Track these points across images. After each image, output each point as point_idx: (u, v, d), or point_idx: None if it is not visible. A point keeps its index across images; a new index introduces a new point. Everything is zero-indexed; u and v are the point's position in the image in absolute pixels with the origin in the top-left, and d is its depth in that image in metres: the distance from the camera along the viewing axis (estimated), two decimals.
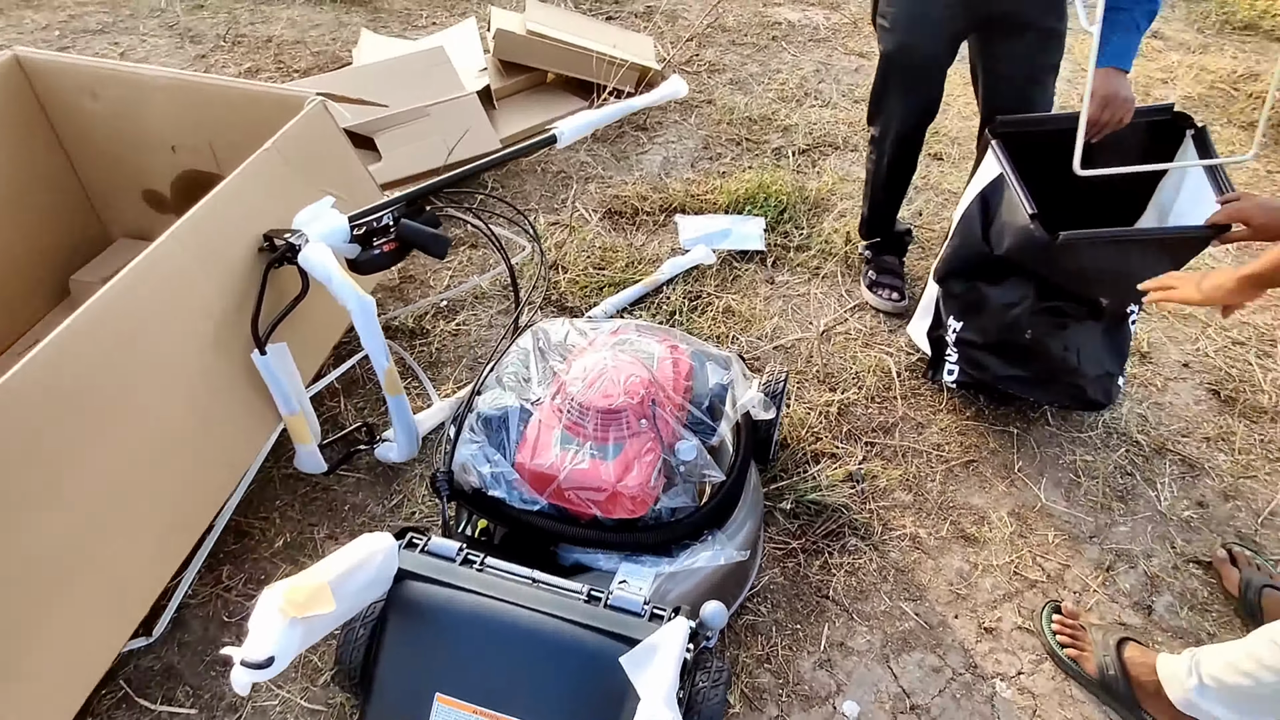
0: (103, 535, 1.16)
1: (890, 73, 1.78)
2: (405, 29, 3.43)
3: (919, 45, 1.70)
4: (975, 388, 1.81)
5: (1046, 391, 1.70)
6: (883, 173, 1.96)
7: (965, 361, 1.71)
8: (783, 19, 3.61)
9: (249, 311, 1.39)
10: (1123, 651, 1.34)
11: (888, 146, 1.89)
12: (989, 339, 1.65)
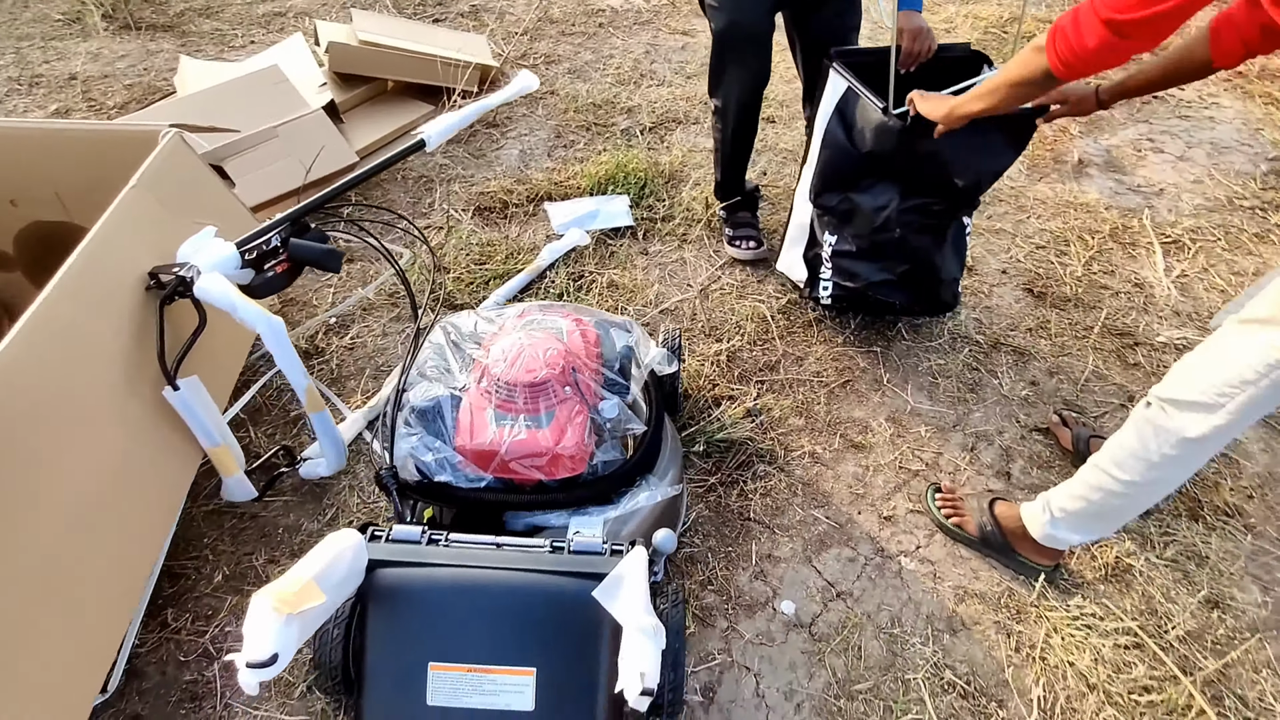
0: (47, 604, 1.13)
1: (725, 48, 1.96)
2: (222, 51, 3.29)
3: (746, 21, 1.88)
4: (847, 302, 2.00)
5: (908, 294, 1.92)
6: (729, 139, 2.14)
7: (839, 274, 1.92)
8: (606, 6, 3.76)
9: (149, 351, 1.37)
10: (994, 509, 1.61)
11: (731, 114, 2.08)
12: (861, 245, 1.86)
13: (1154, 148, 2.90)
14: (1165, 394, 1.24)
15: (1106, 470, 1.35)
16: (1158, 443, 1.25)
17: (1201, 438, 1.20)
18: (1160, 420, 1.25)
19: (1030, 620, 1.52)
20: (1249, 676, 1.46)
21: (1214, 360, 1.17)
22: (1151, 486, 1.31)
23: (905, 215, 1.78)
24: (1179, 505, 1.71)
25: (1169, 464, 1.26)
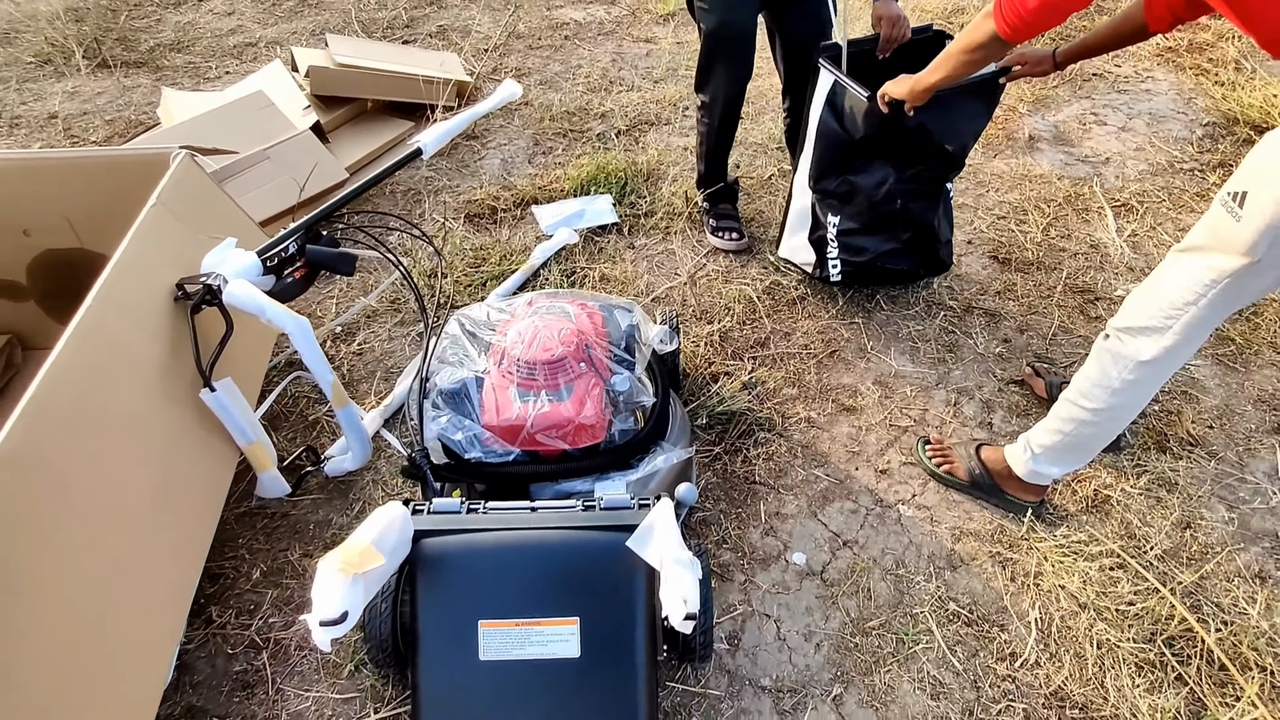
0: (114, 601, 1.20)
1: (715, 47, 2.07)
2: (198, 83, 3.35)
3: (734, 20, 2.01)
4: (857, 276, 2.12)
5: (913, 259, 2.07)
6: (714, 131, 2.27)
7: (845, 250, 2.04)
8: (569, 19, 3.88)
9: (183, 358, 1.44)
10: (980, 454, 1.73)
11: (718, 108, 2.20)
12: (865, 221, 1.99)
13: (1097, 120, 3.08)
14: (1119, 323, 1.39)
15: (1075, 402, 1.48)
16: (1117, 369, 1.39)
17: (1154, 359, 1.34)
18: (1117, 348, 1.39)
19: (1022, 551, 1.64)
20: (1223, 585, 1.59)
21: (1158, 287, 1.31)
22: (1116, 412, 1.44)
23: (903, 186, 1.92)
24: (1147, 439, 1.86)
25: (1129, 388, 1.39)
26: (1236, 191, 1.17)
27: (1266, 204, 1.12)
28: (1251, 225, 1.15)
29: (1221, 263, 1.22)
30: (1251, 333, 2.14)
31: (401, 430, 1.90)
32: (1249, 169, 1.17)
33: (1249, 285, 1.22)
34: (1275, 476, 1.80)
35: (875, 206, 1.95)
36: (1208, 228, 1.23)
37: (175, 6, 3.97)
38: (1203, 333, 1.30)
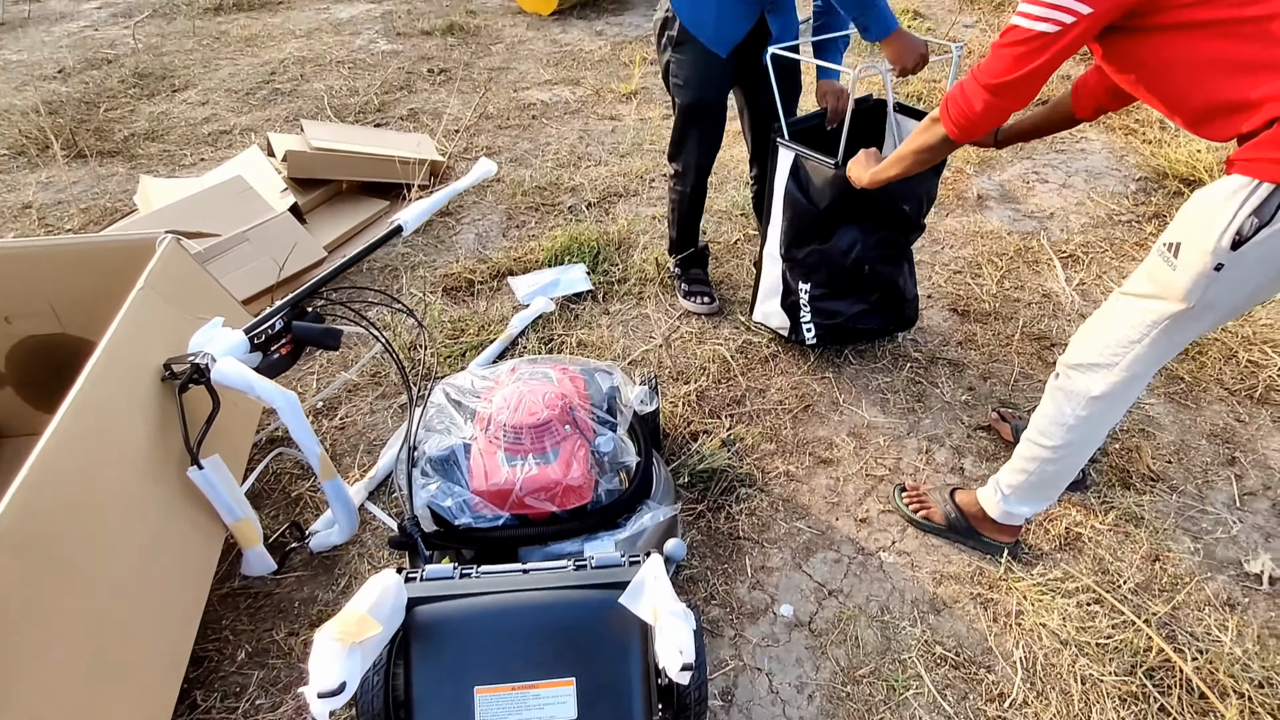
0: (99, 688, 1.18)
1: (689, 120, 2.22)
2: (173, 170, 3.42)
3: (708, 96, 2.16)
4: (829, 337, 2.20)
5: (883, 317, 2.17)
6: (687, 198, 2.39)
7: (819, 315, 2.13)
8: (536, 100, 4.05)
9: (171, 437, 1.45)
10: (955, 498, 1.79)
11: (690, 177, 2.33)
12: (835, 286, 2.08)
13: (1039, 179, 3.27)
14: (1069, 360, 1.48)
15: (1035, 441, 1.56)
16: (1071, 406, 1.47)
17: (1105, 394, 1.42)
18: (1068, 386, 1.48)
19: (1002, 592, 1.68)
20: (1195, 615, 1.64)
21: (1104, 326, 1.41)
22: (1075, 448, 1.52)
23: (870, 250, 2.01)
24: (1111, 476, 1.93)
25: (1084, 424, 1.48)
26: (1171, 242, 1.27)
27: (1197, 255, 1.22)
28: (1185, 274, 1.24)
29: (1161, 306, 1.31)
30: (1199, 370, 2.26)
31: (386, 502, 1.90)
32: (1181, 221, 1.27)
33: (1186, 327, 1.32)
34: (1234, 506, 1.88)
35: (845, 272, 2.04)
36: (1147, 274, 1.33)
37: (149, 98, 4.07)
38: (1148, 369, 1.39)
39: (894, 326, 2.29)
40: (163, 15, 5.17)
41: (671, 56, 2.13)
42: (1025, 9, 1.24)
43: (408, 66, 4.42)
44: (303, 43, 4.76)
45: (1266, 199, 1.14)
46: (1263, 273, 1.21)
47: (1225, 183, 1.19)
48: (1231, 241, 1.17)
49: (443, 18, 5.08)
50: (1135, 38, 1.26)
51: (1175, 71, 1.25)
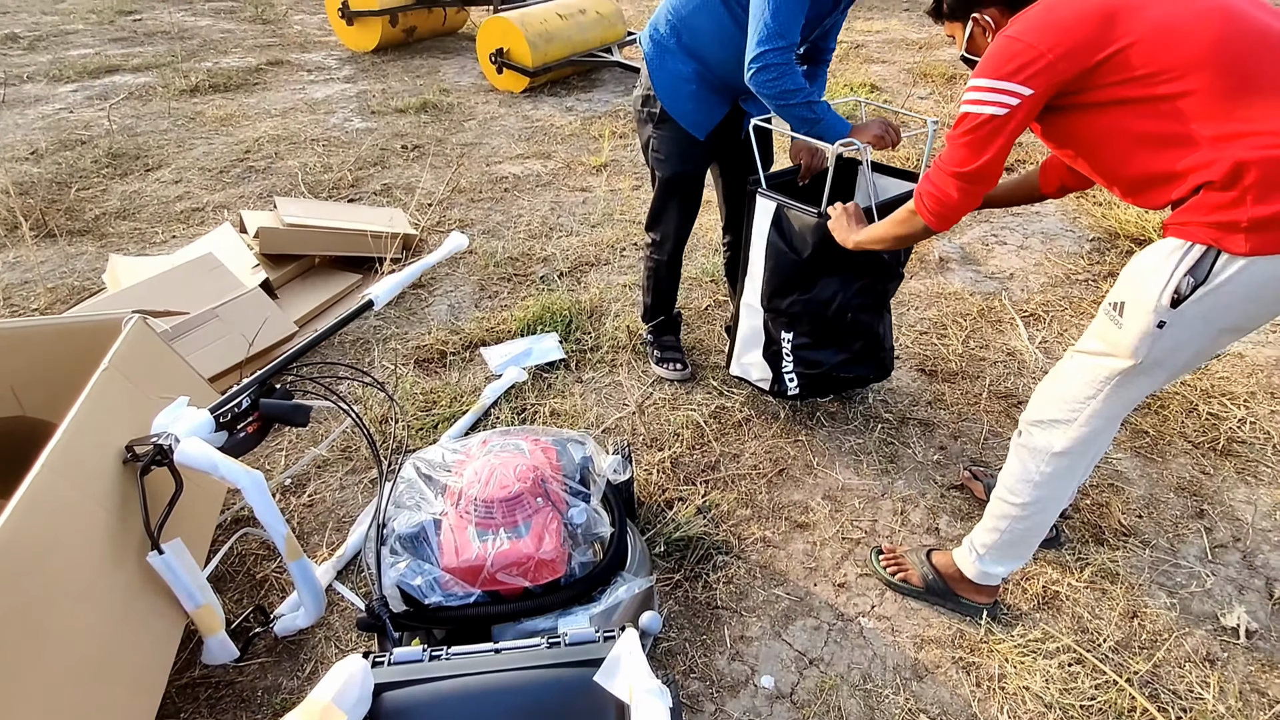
0: None
1: (670, 192, 2.28)
2: (144, 248, 3.42)
3: (689, 170, 2.23)
4: (811, 387, 2.20)
5: (866, 366, 2.19)
6: (664, 267, 2.43)
7: (801, 364, 2.14)
8: (508, 173, 4.14)
9: (131, 521, 1.42)
10: (932, 559, 1.78)
11: (669, 245, 2.38)
12: (819, 336, 2.09)
13: (998, 241, 3.38)
14: (1030, 418, 1.52)
15: (1004, 499, 1.58)
16: (1035, 462, 1.50)
17: (1066, 450, 1.46)
18: (1031, 443, 1.51)
19: (983, 654, 1.66)
20: (1176, 672, 1.63)
21: (1061, 384, 1.46)
22: (1043, 504, 1.54)
23: (852, 299, 2.04)
24: (1084, 533, 1.94)
25: (1049, 480, 1.50)
26: (1116, 302, 1.33)
27: (1140, 313, 1.28)
28: (1131, 332, 1.30)
29: (1111, 363, 1.36)
30: (1162, 424, 2.30)
31: (355, 582, 1.85)
32: (1124, 282, 1.33)
33: (1137, 382, 1.36)
34: (1206, 559, 1.89)
35: (828, 321, 2.06)
36: (1097, 333, 1.38)
37: (122, 177, 4.10)
38: (1106, 424, 1.43)
39: (874, 375, 2.31)
40: (139, 97, 5.25)
41: (653, 133, 2.21)
42: (972, 96, 1.33)
43: (381, 143, 4.50)
44: (278, 122, 4.85)
45: (1200, 259, 1.20)
46: (1203, 330, 1.26)
47: (1162, 245, 1.26)
48: (1171, 300, 1.23)
49: (416, 96, 5.22)
50: (1069, 115, 1.34)
51: (1107, 146, 1.33)
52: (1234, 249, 1.18)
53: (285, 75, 5.81)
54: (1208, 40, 1.19)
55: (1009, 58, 1.29)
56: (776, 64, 1.84)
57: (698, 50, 2.06)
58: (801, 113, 1.92)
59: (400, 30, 6.33)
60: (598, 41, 5.68)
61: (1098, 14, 1.25)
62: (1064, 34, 1.26)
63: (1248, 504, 2.05)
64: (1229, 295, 1.21)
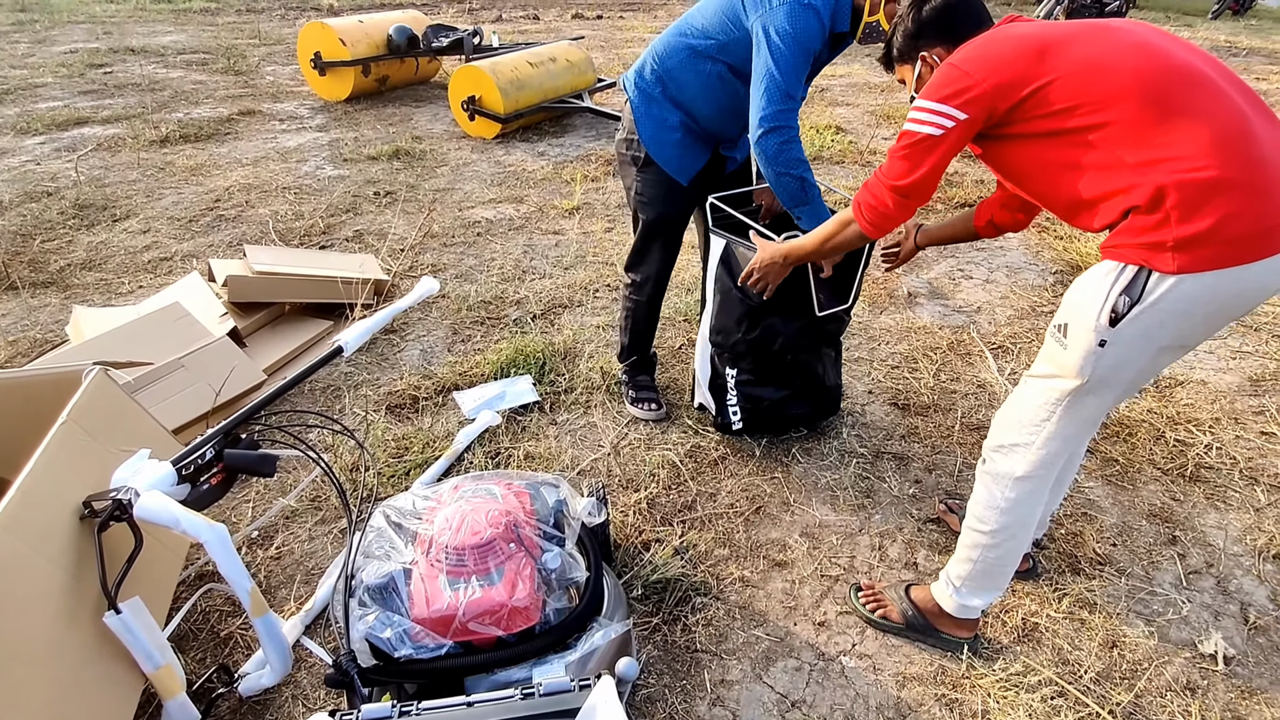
0: None
1: (652, 234, 2.29)
2: (110, 299, 3.37)
3: (672, 212, 2.24)
4: (755, 423, 2.26)
5: (806, 404, 2.24)
6: (643, 307, 2.44)
7: (744, 400, 2.20)
8: (480, 218, 4.16)
9: (86, 580, 1.37)
10: (911, 595, 1.77)
11: (649, 286, 2.38)
12: (761, 374, 2.16)
13: (964, 275, 3.45)
14: (991, 444, 1.55)
15: (974, 528, 1.59)
16: (1000, 488, 1.53)
17: (1028, 474, 1.49)
18: (994, 469, 1.54)
19: (966, 690, 1.65)
20: (1158, 701, 1.63)
21: (1017, 409, 1.50)
22: (1012, 530, 1.55)
23: (793, 340, 2.10)
24: (1060, 563, 1.95)
25: (1015, 506, 1.53)
26: (1060, 324, 1.39)
27: (1082, 333, 1.33)
28: (1075, 352, 1.35)
29: (1061, 384, 1.41)
30: (1131, 452, 2.33)
31: (324, 637, 1.80)
32: (1067, 305, 1.39)
33: (1088, 402, 1.41)
34: (1181, 586, 1.90)
35: (770, 358, 2.13)
36: (1046, 356, 1.44)
37: (89, 228, 4.05)
38: (1064, 445, 1.47)
39: (818, 414, 2.36)
40: (108, 149, 5.23)
41: (636, 176, 2.22)
42: (914, 116, 1.40)
43: (353, 190, 4.51)
44: (249, 170, 4.85)
45: (1133, 279, 1.26)
46: (1143, 348, 1.31)
47: (1099, 268, 1.32)
48: (1109, 319, 1.29)
49: (389, 144, 5.25)
50: (1003, 145, 1.42)
51: (1037, 174, 1.41)
52: (1163, 268, 1.23)
53: (257, 125, 5.83)
54: (1128, 74, 1.26)
55: (947, 83, 1.37)
56: (786, 126, 1.86)
57: (683, 101, 2.09)
58: (795, 187, 1.93)
59: (373, 80, 6.40)
60: (568, 88, 5.78)
61: (1031, 50, 1.33)
62: (999, 67, 1.34)
63: (1218, 529, 2.07)
64: (1163, 313, 1.26)
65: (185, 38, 9.19)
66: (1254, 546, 2.02)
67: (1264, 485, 2.22)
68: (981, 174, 4.70)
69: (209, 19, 10.71)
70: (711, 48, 1.98)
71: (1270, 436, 2.42)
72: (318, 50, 6.09)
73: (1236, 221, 1.19)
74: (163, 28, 9.93)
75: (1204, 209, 1.19)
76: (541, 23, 10.54)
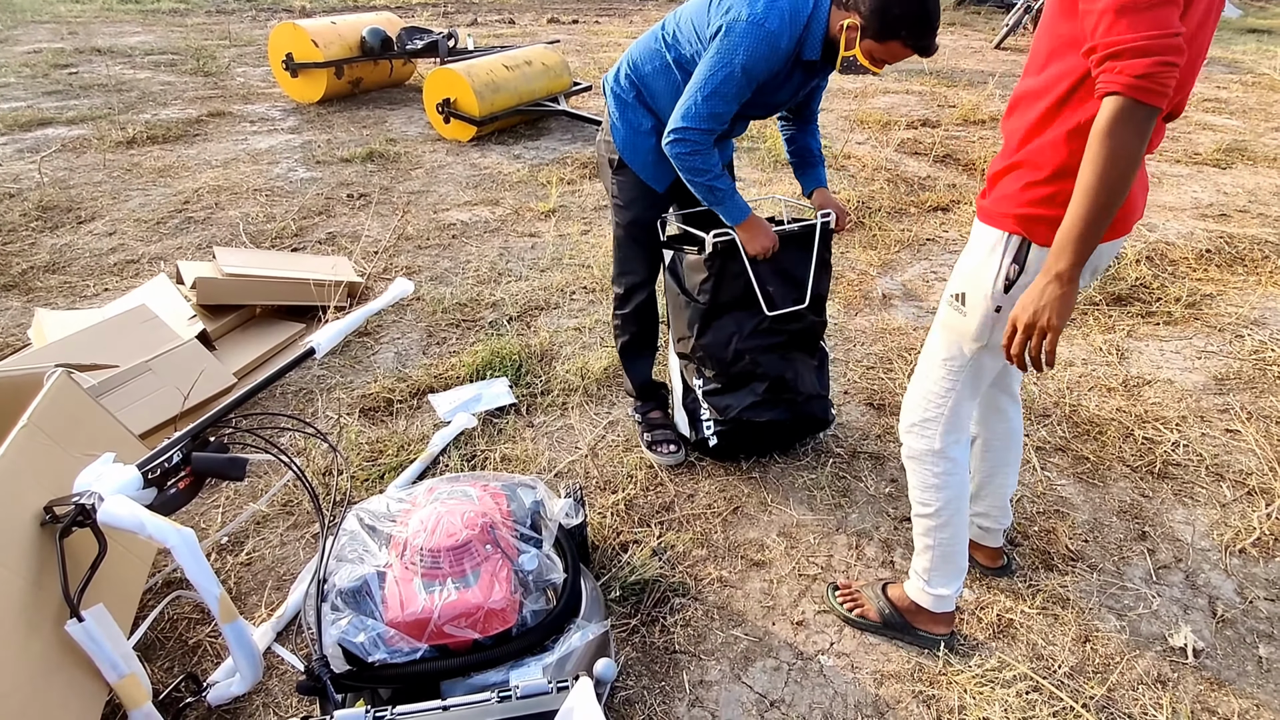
0: None
1: (632, 238, 2.22)
2: (74, 302, 3.29)
3: (649, 216, 2.18)
4: (732, 438, 2.21)
5: (781, 412, 2.17)
6: (631, 324, 2.32)
7: (715, 410, 2.18)
8: (455, 220, 4.13)
9: (48, 588, 1.33)
10: (888, 592, 1.78)
11: (636, 298, 2.28)
12: (725, 379, 2.16)
13: (938, 277, 3.48)
14: (904, 425, 1.63)
15: (919, 514, 1.66)
16: (928, 467, 1.60)
17: (945, 446, 1.57)
18: (913, 450, 1.61)
19: (942, 687, 1.66)
20: (1130, 695, 1.65)
21: (923, 385, 1.58)
22: (953, 504, 1.61)
23: (749, 341, 2.10)
24: (1034, 559, 1.97)
25: (946, 481, 1.59)
26: (957, 293, 1.45)
27: (980, 301, 1.40)
28: (974, 318, 1.42)
29: (962, 350, 1.47)
30: (1101, 450, 2.37)
31: (296, 643, 1.76)
32: (961, 274, 1.45)
33: (985, 362, 1.49)
34: (1151, 581, 1.93)
35: (729, 363, 2.13)
36: (945, 324, 1.50)
37: (53, 230, 3.96)
38: (970, 409, 1.56)
39: (800, 427, 2.28)
40: (73, 150, 5.12)
41: (613, 179, 2.17)
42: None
43: (326, 192, 4.46)
44: (219, 172, 4.77)
45: (1019, 248, 1.34)
46: None
47: (985, 238, 1.40)
48: (1004, 286, 1.36)
49: (363, 146, 5.20)
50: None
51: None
52: (1040, 241, 1.32)
53: (227, 126, 5.75)
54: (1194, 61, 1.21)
55: None
56: (694, 142, 1.88)
57: (656, 107, 2.07)
58: (705, 192, 1.97)
59: (346, 82, 6.34)
60: (544, 92, 5.77)
61: None
62: None
63: (1186, 525, 2.11)
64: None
65: (153, 38, 9.04)
66: (1221, 541, 2.05)
67: (1229, 481, 2.27)
68: (954, 178, 4.76)
69: (178, 19, 10.55)
70: (680, 57, 1.96)
71: (1235, 434, 2.47)
72: (289, 52, 6.01)
73: None
74: (130, 28, 9.76)
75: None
76: (517, 26, 10.52)
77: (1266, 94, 7.15)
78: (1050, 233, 1.28)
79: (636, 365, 2.43)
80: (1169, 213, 4.29)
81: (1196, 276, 3.54)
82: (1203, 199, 4.51)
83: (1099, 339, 3.01)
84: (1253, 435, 2.45)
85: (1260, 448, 2.39)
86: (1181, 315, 3.18)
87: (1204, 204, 4.44)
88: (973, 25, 11.17)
